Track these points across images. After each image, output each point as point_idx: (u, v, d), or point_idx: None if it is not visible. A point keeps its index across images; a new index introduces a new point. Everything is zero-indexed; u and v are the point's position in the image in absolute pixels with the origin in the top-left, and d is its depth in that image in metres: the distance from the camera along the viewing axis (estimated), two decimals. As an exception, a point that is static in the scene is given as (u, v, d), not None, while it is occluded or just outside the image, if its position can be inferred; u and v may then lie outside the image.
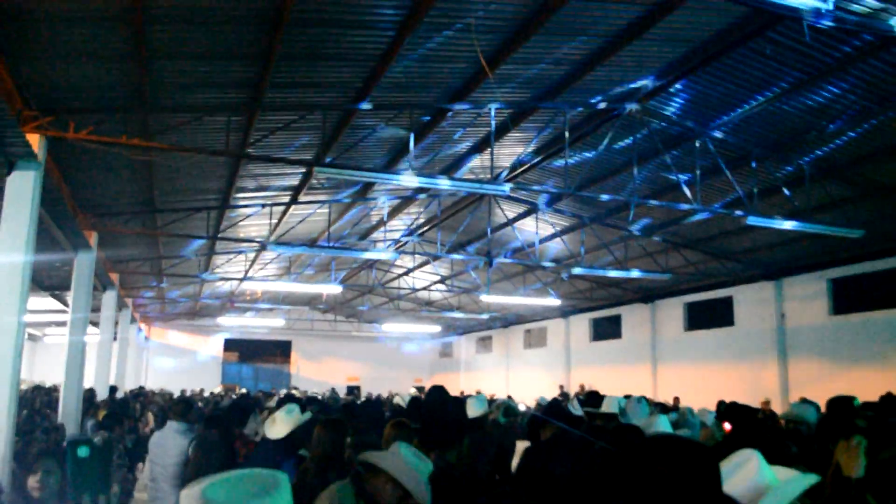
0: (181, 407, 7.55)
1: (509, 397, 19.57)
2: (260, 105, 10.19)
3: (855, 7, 5.85)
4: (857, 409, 5.89)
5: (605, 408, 5.42)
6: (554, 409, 4.66)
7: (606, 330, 28.56)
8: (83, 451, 5.61)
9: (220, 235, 17.62)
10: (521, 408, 14.42)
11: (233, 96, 10.16)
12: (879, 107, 10.71)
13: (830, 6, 5.46)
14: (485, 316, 31.00)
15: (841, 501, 3.25)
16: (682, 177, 12.63)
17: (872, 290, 17.68)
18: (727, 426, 5.33)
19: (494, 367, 36.54)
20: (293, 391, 24.34)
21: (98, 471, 6.50)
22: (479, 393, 19.73)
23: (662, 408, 10.28)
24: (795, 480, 2.24)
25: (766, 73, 10.26)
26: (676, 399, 18.46)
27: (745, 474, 2.22)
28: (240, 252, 21.04)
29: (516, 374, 33.92)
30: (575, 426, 4.52)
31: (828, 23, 6.07)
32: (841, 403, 5.63)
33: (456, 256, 19.72)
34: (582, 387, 25.87)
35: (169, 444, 6.83)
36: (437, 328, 37.27)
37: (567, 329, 30.69)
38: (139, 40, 7.91)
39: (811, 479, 2.25)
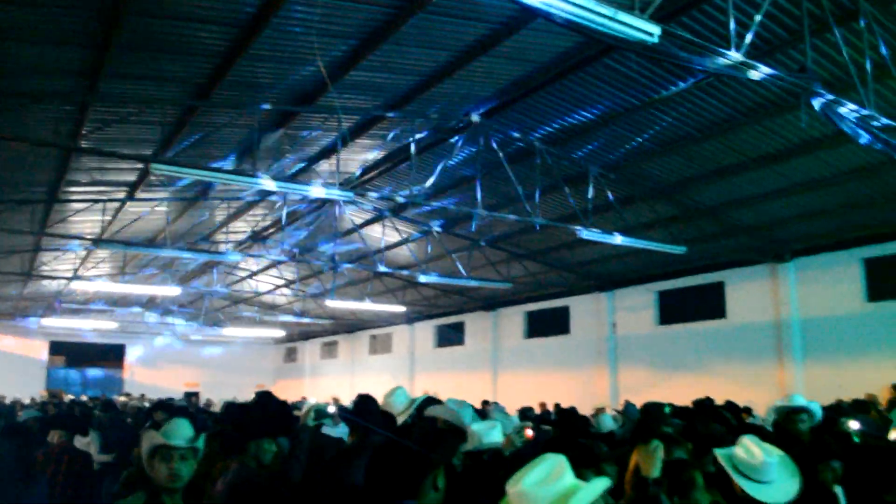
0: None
1: (335, 399, 19.55)
2: (95, 95, 9.69)
3: (684, 44, 6.28)
4: (666, 414, 6.32)
5: (396, 407, 5.48)
6: (363, 410, 4.68)
7: (450, 337, 29.02)
8: None
9: (47, 231, 16.54)
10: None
11: (65, 84, 9.60)
12: (701, 134, 11.58)
13: (656, 39, 5.84)
14: (330, 321, 30.74)
15: (638, 500, 3.51)
16: (524, 190, 13.07)
17: (693, 303, 19.04)
18: (529, 433, 5.58)
19: (340, 373, 36.27)
20: (123, 397, 23.22)
21: None
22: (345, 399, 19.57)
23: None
24: (593, 484, 2.39)
25: (602, 97, 10.84)
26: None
27: (553, 478, 2.35)
28: (69, 249, 19.83)
29: (362, 380, 33.76)
30: (387, 426, 4.59)
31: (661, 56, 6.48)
32: (652, 410, 6.02)
33: (300, 260, 19.48)
34: (426, 393, 26.09)
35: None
36: (281, 333, 36.57)
37: (412, 335, 30.96)
38: (-42, 18, 7.35)
39: (604, 483, 2.41)
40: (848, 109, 7.18)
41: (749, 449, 3.70)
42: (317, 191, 11.14)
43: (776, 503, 3.55)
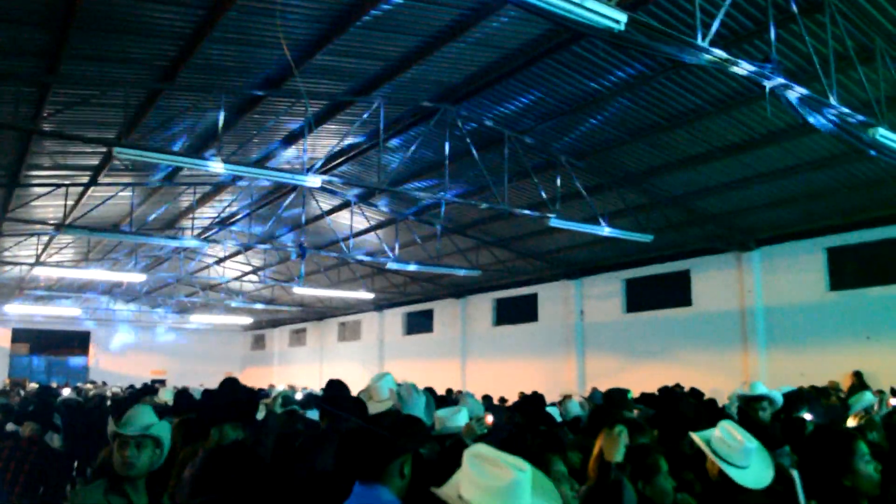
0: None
1: (291, 387, 19.45)
2: (56, 77, 9.49)
3: (650, 32, 6.28)
4: (629, 400, 6.38)
5: (382, 393, 5.47)
6: (332, 395, 4.65)
7: (419, 324, 29.05)
8: None
9: (8, 216, 16.23)
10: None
11: (24, 65, 9.38)
12: (668, 123, 11.65)
13: (622, 27, 5.84)
14: (298, 308, 30.56)
15: (602, 484, 3.54)
16: (493, 178, 13.07)
17: (659, 291, 19.22)
18: (489, 419, 5.60)
19: (308, 361, 36.17)
20: (90, 385, 22.91)
21: None
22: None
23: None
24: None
25: (570, 85, 10.85)
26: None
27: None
28: (32, 234, 19.49)
29: (330, 368, 33.73)
30: (357, 411, 4.57)
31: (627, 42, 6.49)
32: (615, 396, 6.07)
33: (267, 247, 19.33)
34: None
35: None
36: (248, 320, 36.35)
37: (381, 322, 30.94)
38: None
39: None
40: (797, 92, 7.24)
41: (730, 433, 3.74)
42: (279, 176, 11.03)
43: (756, 487, 3.60)
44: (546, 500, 2.39)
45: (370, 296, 25.22)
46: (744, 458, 3.65)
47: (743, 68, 6.75)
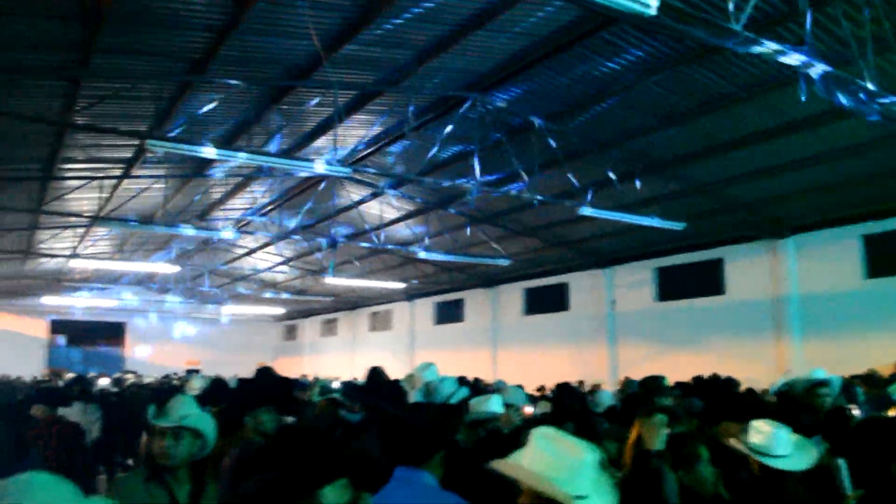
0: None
1: (316, 379, 19.52)
2: (87, 70, 9.60)
3: (682, 17, 6.16)
4: (666, 387, 6.34)
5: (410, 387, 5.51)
6: (373, 383, 4.68)
7: (450, 314, 29.07)
8: None
9: (44, 209, 16.49)
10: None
11: (56, 59, 9.50)
12: (700, 110, 11.48)
13: (654, 11, 5.75)
14: (330, 298, 30.70)
15: (640, 471, 3.52)
16: (522, 166, 13.00)
17: (692, 280, 19.01)
18: (528, 410, 5.60)
19: (340, 351, 36.37)
20: (130, 375, 23.26)
21: None
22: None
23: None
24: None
25: (599, 72, 10.73)
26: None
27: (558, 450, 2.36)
28: (67, 227, 19.79)
29: (362, 358, 33.87)
30: (396, 398, 4.60)
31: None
32: (650, 383, 6.02)
33: (298, 237, 19.43)
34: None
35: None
36: (281, 310, 36.60)
37: (412, 312, 31.01)
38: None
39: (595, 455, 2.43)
40: (832, 76, 7.07)
41: (759, 427, 3.80)
42: (309, 166, 11.04)
43: (795, 469, 3.65)
44: (601, 488, 2.40)
45: (401, 285, 25.29)
46: (779, 447, 3.66)
47: (792, 58, 6.59)
